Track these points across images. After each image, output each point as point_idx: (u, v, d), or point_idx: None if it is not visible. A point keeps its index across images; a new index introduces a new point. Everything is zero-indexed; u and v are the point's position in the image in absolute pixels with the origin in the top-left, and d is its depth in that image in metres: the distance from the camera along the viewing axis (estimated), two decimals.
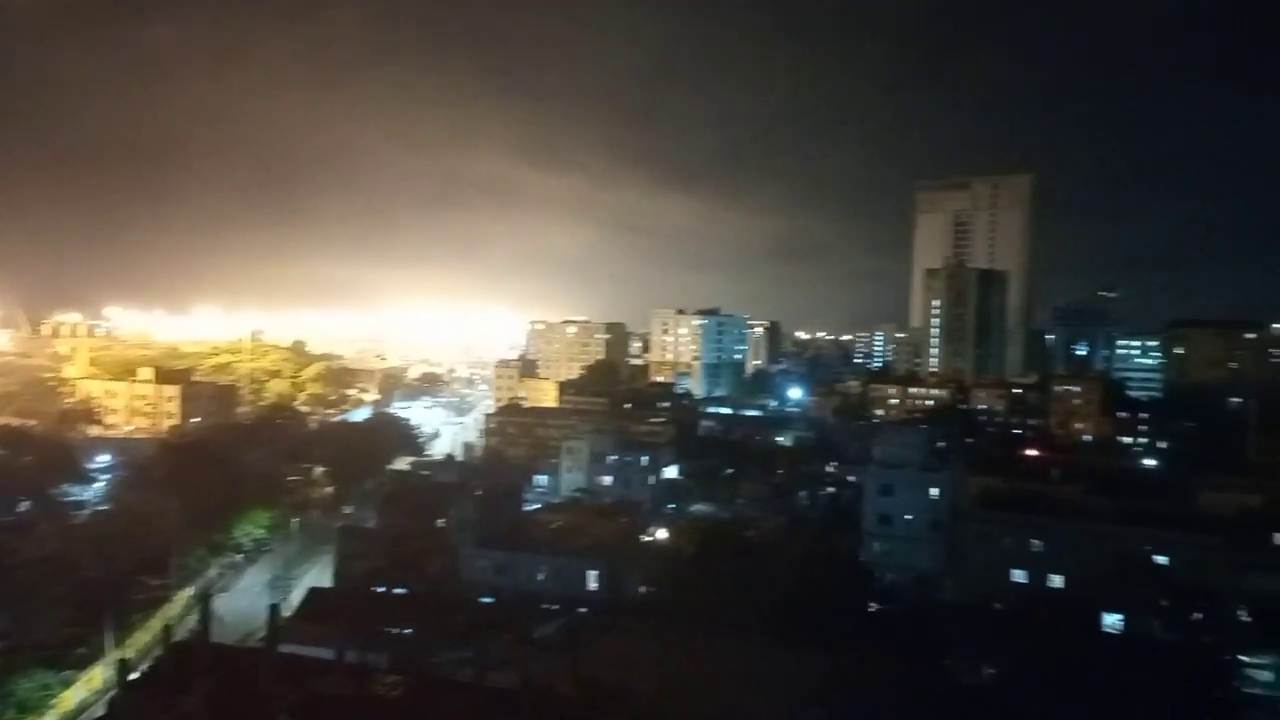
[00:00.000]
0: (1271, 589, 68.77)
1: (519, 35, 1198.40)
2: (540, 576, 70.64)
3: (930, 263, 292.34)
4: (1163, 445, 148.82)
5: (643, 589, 70.46)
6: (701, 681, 40.67)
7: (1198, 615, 62.86)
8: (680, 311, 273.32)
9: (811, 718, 39.97)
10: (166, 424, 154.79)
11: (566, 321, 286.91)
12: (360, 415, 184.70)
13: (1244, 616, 66.11)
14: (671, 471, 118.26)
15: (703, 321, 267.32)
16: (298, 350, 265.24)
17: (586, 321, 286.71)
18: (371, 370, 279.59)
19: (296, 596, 69.72)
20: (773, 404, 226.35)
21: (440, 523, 79.98)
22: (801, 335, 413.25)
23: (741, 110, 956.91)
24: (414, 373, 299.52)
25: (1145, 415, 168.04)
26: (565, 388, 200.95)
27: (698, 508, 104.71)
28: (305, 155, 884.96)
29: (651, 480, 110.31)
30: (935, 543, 79.60)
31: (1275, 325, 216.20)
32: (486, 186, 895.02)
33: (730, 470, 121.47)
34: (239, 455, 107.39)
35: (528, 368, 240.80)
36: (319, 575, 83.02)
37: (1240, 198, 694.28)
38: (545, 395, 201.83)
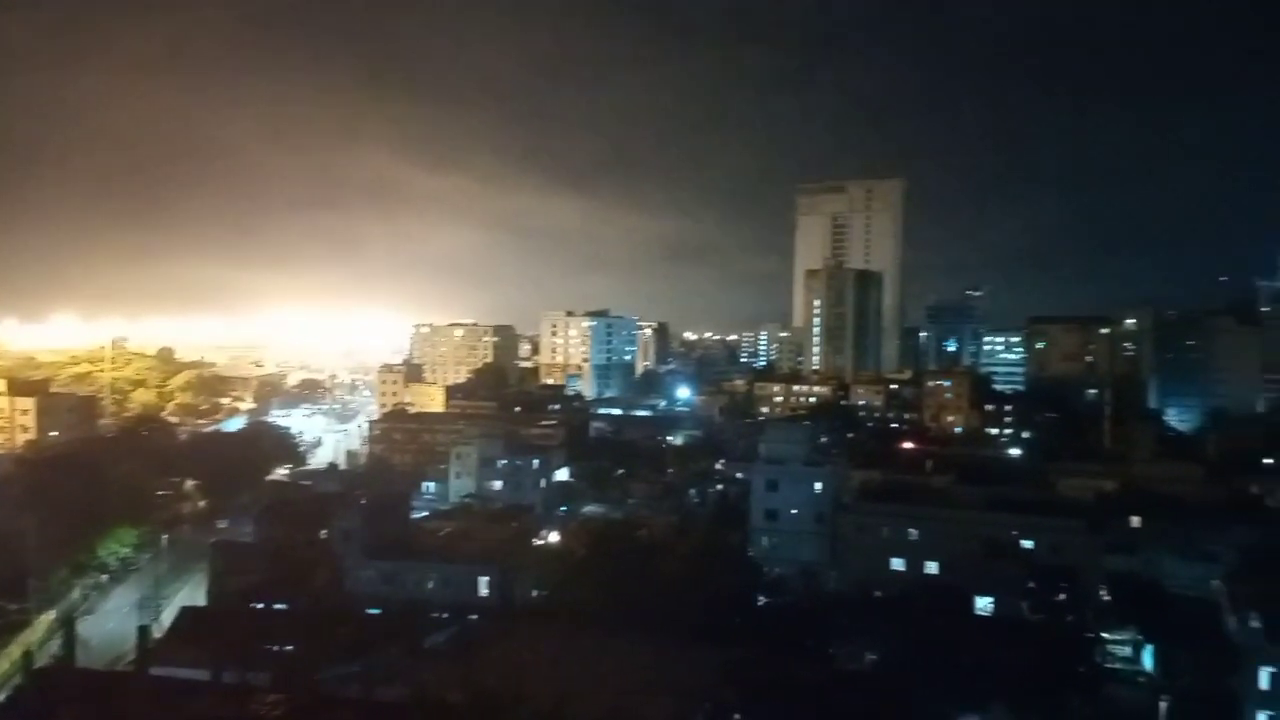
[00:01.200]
0: (1127, 568, 73.89)
1: (400, 31, 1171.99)
2: (430, 585, 69.33)
3: (811, 263, 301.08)
4: (1026, 435, 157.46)
5: (535, 593, 70.11)
6: (595, 682, 40.79)
7: (1061, 595, 66.68)
8: (570, 313, 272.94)
9: (702, 712, 40.60)
10: (21, 439, 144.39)
11: (453, 324, 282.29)
12: (235, 425, 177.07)
13: (1104, 595, 70.73)
14: (563, 474, 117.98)
15: (592, 323, 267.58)
16: (164, 358, 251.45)
17: (474, 324, 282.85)
18: (246, 378, 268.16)
19: (168, 617, 66.34)
20: (662, 404, 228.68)
21: (323, 534, 77.47)
22: (689, 335, 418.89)
23: (630, 111, 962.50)
24: (293, 379, 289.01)
25: (1010, 407, 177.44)
26: (453, 392, 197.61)
27: (590, 509, 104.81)
28: (172, 154, 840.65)
29: (542, 483, 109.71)
30: (819, 535, 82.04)
31: (1127, 320, 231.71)
32: (368, 187, 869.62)
33: (621, 471, 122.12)
34: (102, 470, 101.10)
35: (413, 372, 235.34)
36: (192, 594, 79.24)
37: (1094, 199, 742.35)
38: (432, 400, 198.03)
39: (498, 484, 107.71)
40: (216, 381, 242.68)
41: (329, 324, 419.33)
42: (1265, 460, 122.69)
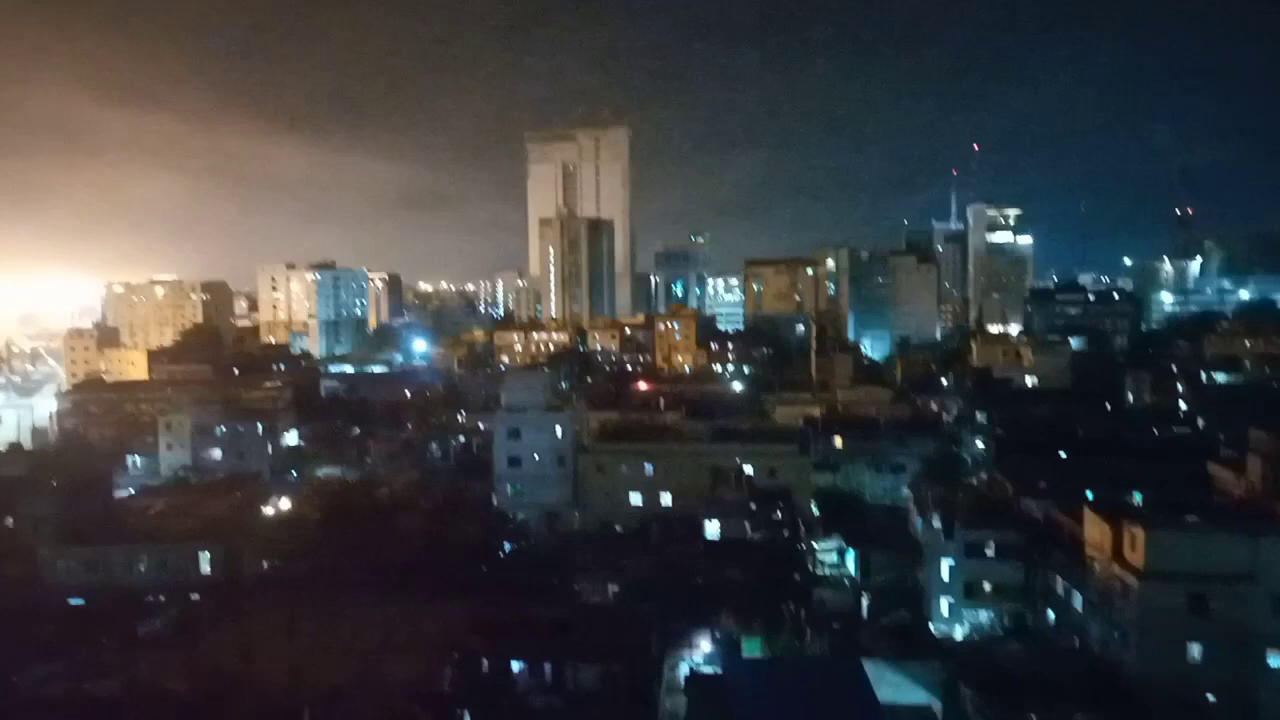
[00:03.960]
0: (832, 484, 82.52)
1: None
2: (143, 568, 63.46)
3: (544, 212, 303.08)
4: (746, 370, 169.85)
5: (267, 565, 66.38)
6: (335, 648, 39.66)
7: (777, 514, 73.33)
8: (291, 266, 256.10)
9: (449, 663, 40.80)
10: None
11: (154, 282, 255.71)
12: None
13: (813, 509, 78.58)
14: (292, 438, 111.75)
15: (317, 276, 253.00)
16: None
17: (178, 281, 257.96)
18: None
19: None
20: (399, 359, 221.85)
21: (9, 523, 68.41)
22: (425, 287, 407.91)
23: (359, 51, 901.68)
24: None
25: (731, 345, 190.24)
26: (158, 357, 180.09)
27: (325, 472, 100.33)
28: None
29: (270, 449, 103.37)
30: (562, 478, 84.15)
31: (828, 261, 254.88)
32: (53, 128, 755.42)
33: (358, 430, 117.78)
34: None
35: (108, 337, 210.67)
36: None
37: (804, 150, 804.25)
38: (133, 366, 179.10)
39: (218, 453, 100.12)
40: None
41: (2, 287, 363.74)
42: (941, 381, 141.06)
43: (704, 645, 52.97)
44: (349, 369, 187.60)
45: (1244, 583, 46.30)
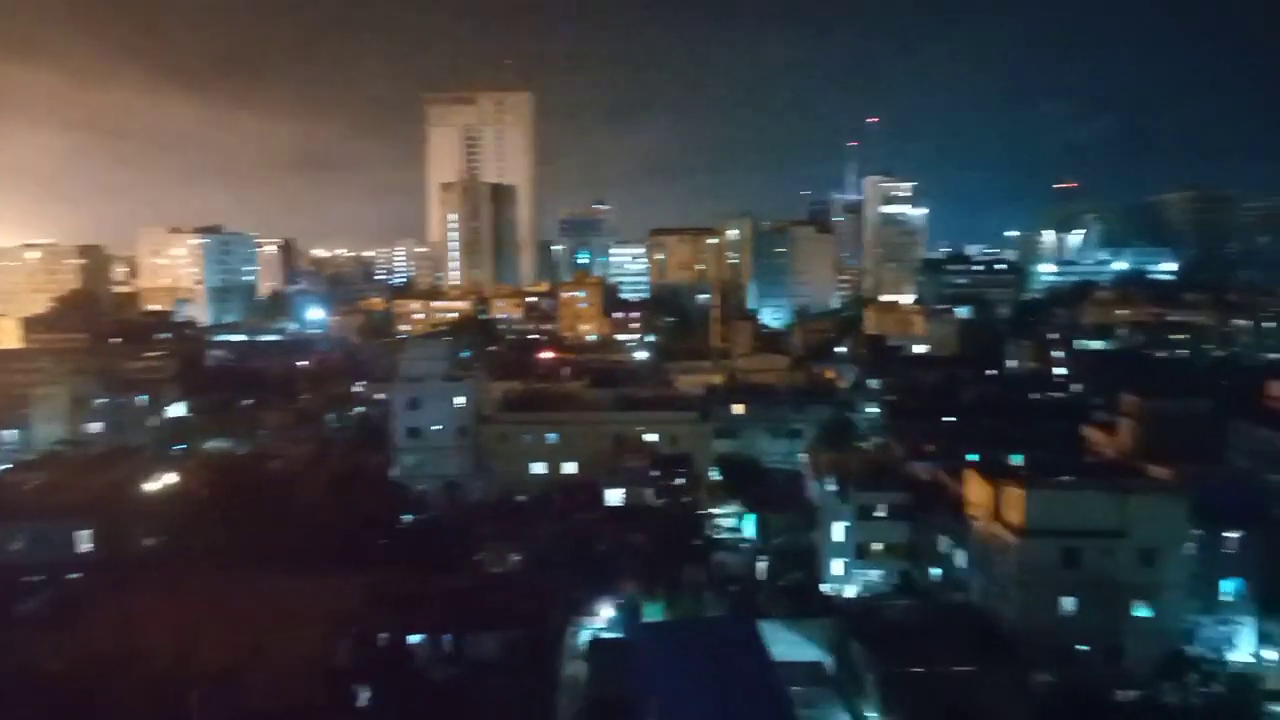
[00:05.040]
0: (732, 450, 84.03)
1: None
2: (15, 547, 60.07)
3: (444, 176, 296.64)
4: (650, 338, 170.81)
5: (154, 541, 63.66)
6: (224, 625, 38.46)
7: (679, 480, 74.37)
8: (176, 230, 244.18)
9: (346, 637, 40.09)
10: None
11: (26, 245, 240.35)
12: None
13: (714, 475, 79.97)
14: (179, 409, 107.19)
15: (203, 241, 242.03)
16: None
17: (52, 244, 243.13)
18: None
19: None
20: (293, 327, 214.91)
21: None
22: (320, 253, 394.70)
23: (251, 2, 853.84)
24: None
25: (636, 314, 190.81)
26: (32, 325, 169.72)
27: (213, 444, 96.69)
28: None
29: (154, 421, 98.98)
30: (463, 448, 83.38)
31: (730, 231, 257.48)
32: None
33: (249, 401, 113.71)
34: None
35: None
36: None
37: (711, 118, 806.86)
38: (5, 336, 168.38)
39: (97, 426, 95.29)
40: None
41: None
42: (837, 349, 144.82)
43: (606, 611, 53.52)
44: (240, 337, 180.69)
45: (1114, 538, 49.31)
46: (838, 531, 62.41)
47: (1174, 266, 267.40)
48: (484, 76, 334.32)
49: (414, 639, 42.00)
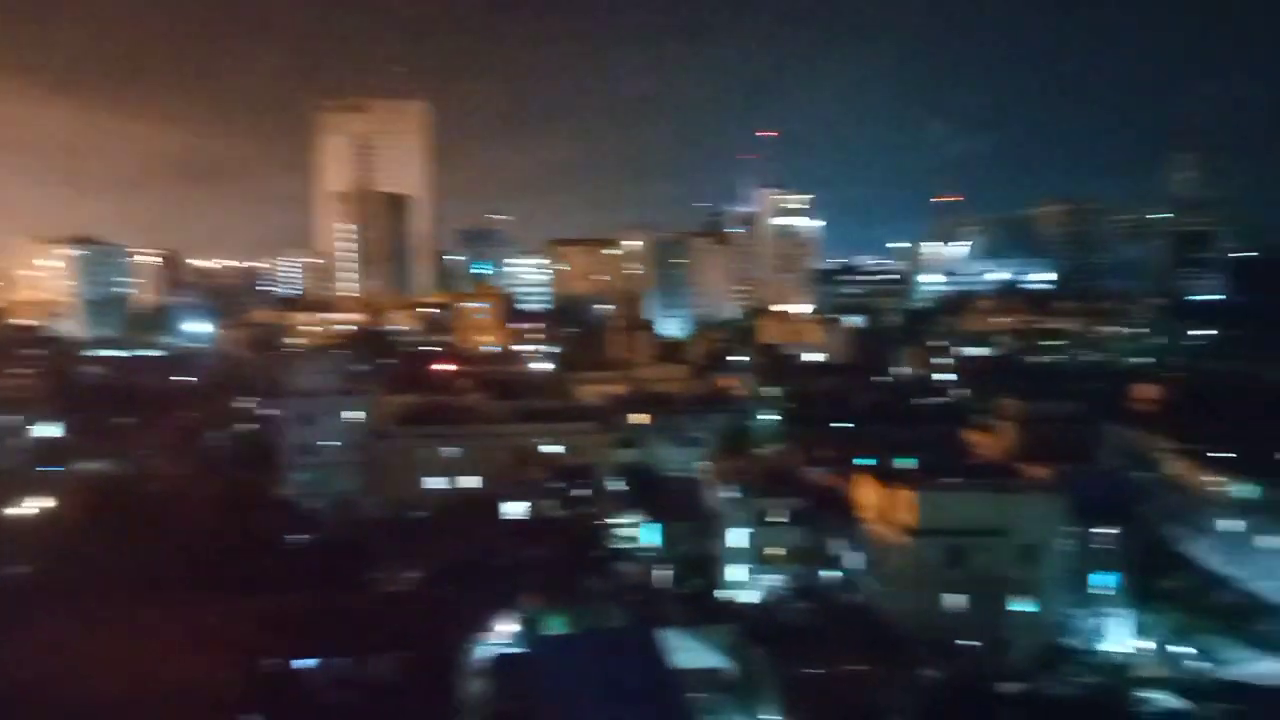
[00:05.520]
0: (633, 460, 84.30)
1: None
2: None
3: (335, 186, 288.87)
4: (551, 350, 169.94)
5: (19, 569, 59.69)
6: (98, 657, 36.28)
7: (581, 491, 74.13)
8: (47, 241, 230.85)
9: (226, 667, 38.34)
10: None
11: None
12: None
13: (616, 485, 79.97)
14: (49, 429, 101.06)
15: (77, 252, 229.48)
16: None
17: None
18: None
19: None
20: (175, 341, 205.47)
21: None
22: (203, 264, 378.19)
23: (128, 5, 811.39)
24: None
25: (536, 325, 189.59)
26: None
27: (87, 465, 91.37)
28: None
29: (19, 442, 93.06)
30: (357, 464, 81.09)
31: (629, 242, 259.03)
32: None
33: (128, 419, 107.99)
34: None
35: None
36: None
37: (613, 129, 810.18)
38: None
39: None
40: None
41: None
42: (733, 358, 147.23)
43: (507, 626, 52.82)
44: (118, 352, 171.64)
45: (996, 536, 51.51)
46: (738, 538, 63.28)
47: (1054, 276, 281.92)
48: (374, 83, 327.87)
49: (305, 663, 40.49)
